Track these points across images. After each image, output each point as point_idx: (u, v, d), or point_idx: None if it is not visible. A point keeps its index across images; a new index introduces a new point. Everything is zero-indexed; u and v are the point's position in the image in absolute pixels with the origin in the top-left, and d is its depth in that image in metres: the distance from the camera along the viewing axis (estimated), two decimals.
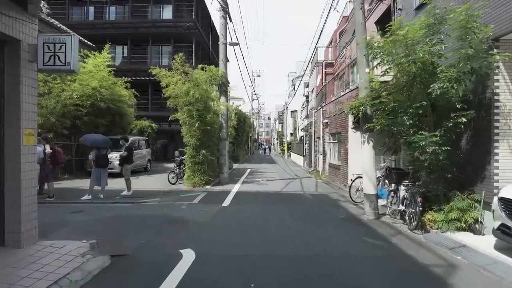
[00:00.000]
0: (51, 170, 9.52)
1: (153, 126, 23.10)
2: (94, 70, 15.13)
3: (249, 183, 13.41)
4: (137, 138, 17.19)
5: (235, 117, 22.58)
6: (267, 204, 9.18)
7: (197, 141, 11.72)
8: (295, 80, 44.42)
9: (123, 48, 26.20)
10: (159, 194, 10.42)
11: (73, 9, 25.63)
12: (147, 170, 17.25)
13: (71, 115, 13.63)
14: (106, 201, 9.18)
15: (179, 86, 11.79)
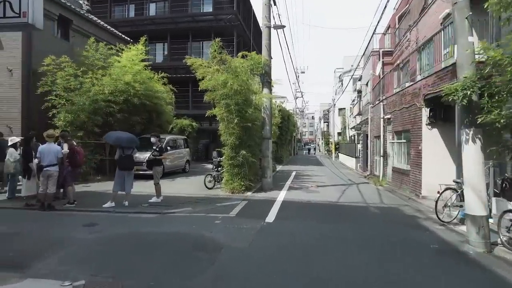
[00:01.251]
0: (70, 172, 8.35)
1: (194, 125, 21.97)
2: (128, 65, 14.10)
3: (296, 190, 11.46)
4: (175, 137, 15.98)
5: (278, 114, 20.73)
6: (323, 221, 7.16)
7: (236, 140, 10.03)
8: (343, 75, 41.52)
9: (164, 45, 25.51)
10: (192, 201, 8.87)
11: (114, 7, 25.42)
12: (185, 171, 15.99)
13: (103, 112, 12.64)
14: (130, 210, 7.79)
15: (216, 77, 10.18)
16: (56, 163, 7.80)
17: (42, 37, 12.83)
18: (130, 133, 9.14)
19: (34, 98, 11.98)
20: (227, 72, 10.18)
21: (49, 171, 7.70)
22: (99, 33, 16.20)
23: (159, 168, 9.32)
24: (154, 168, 9.03)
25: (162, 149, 9.28)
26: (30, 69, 12.16)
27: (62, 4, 13.66)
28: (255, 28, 27.82)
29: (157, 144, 9.20)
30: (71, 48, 13.83)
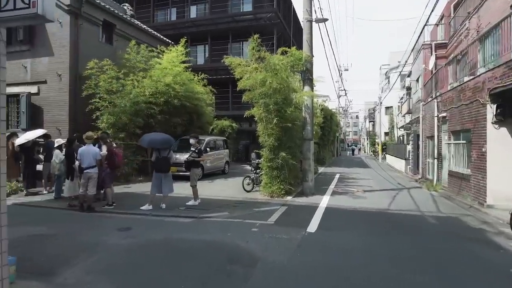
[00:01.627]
0: (109, 174, 8.35)
1: (233, 126, 21.84)
2: (169, 66, 14.17)
3: (340, 195, 10.67)
4: (214, 138, 15.85)
5: (321, 113, 19.87)
6: (373, 233, 6.39)
7: (275, 141, 9.51)
8: (389, 72, 39.32)
9: (204, 47, 25.71)
10: (230, 205, 8.50)
11: (157, 11, 26.09)
12: (224, 172, 15.80)
13: (144, 113, 12.76)
14: (167, 213, 7.58)
15: (254, 75, 9.73)
16: (95, 165, 7.83)
17: (88, 42, 13.30)
18: (165, 134, 8.98)
19: (80, 101, 12.38)
20: (266, 70, 9.69)
21: (89, 173, 7.74)
22: (141, 36, 16.54)
23: (197, 170, 9.11)
24: (192, 170, 8.80)
25: (201, 151, 9.04)
26: (77, 73, 12.61)
27: (106, 9, 14.05)
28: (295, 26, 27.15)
29: (196, 146, 8.96)
30: (114, 51, 14.18)
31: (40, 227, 6.35)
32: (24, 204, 8.82)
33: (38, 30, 12.93)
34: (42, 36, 12.84)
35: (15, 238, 5.48)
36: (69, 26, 12.45)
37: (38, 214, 7.73)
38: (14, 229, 6.17)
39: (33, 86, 12.95)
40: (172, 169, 13.00)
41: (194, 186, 8.69)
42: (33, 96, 12.94)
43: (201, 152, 8.97)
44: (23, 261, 4.48)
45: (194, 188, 8.69)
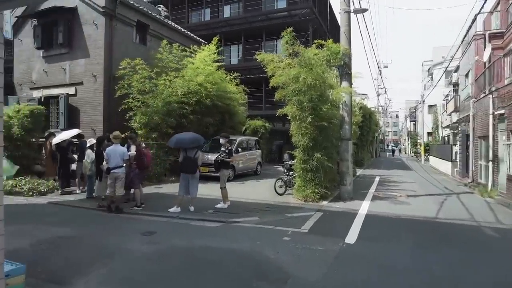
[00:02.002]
0: (137, 174, 8.17)
1: (266, 125, 21.32)
2: (201, 66, 13.97)
3: (381, 200, 9.78)
4: (246, 138, 15.43)
5: (359, 112, 18.80)
6: (421, 245, 5.57)
7: (309, 142, 8.87)
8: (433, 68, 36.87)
9: (238, 46, 25.45)
10: (260, 209, 7.99)
11: (191, 12, 26.23)
12: (257, 173, 15.32)
13: (176, 113, 12.62)
14: (194, 216, 7.23)
15: (287, 71, 9.16)
16: (122, 165, 7.65)
17: (122, 43, 13.42)
18: (194, 133, 8.64)
19: (114, 102, 12.48)
20: (300, 66, 9.08)
21: (116, 173, 7.57)
22: (174, 36, 16.54)
23: (227, 172, 8.69)
24: (221, 171, 8.38)
25: (231, 151, 8.59)
26: (111, 74, 12.74)
27: (140, 10, 14.13)
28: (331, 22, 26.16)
29: (226, 146, 8.53)
30: (148, 52, 14.23)
31: (65, 228, 6.22)
32: (58, 203, 8.90)
33: (76, 33, 13.24)
34: (80, 38, 13.13)
35: (37, 240, 5.38)
36: (104, 28, 12.60)
37: (67, 214, 7.69)
38: (40, 229, 6.14)
39: (71, 87, 13.28)
40: (203, 169, 12.88)
41: (223, 188, 8.28)
42: (71, 97, 13.27)
43: (231, 152, 8.53)
44: (37, 266, 4.30)
45: (223, 190, 8.28)
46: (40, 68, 14.13)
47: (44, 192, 9.90)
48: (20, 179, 10.24)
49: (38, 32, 13.78)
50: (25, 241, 5.36)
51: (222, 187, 8.26)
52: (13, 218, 7.16)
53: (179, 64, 13.89)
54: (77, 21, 13.19)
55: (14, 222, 6.67)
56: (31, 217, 7.31)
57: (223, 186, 8.26)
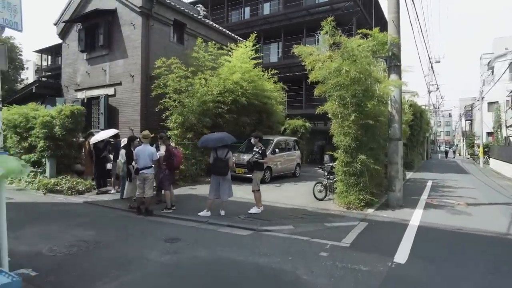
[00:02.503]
0: (167, 176, 7.81)
1: (307, 125, 20.38)
2: (238, 64, 13.50)
3: (436, 208, 8.56)
4: (284, 139, 14.68)
5: (409, 110, 17.22)
6: (496, 270, 4.51)
7: (352, 142, 7.95)
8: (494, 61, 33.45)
9: (278, 44, 24.76)
10: (296, 216, 7.25)
11: (231, 11, 26.02)
12: (295, 175, 14.50)
13: (212, 113, 12.26)
14: (223, 221, 6.70)
15: (328, 64, 8.31)
16: (151, 165, 7.34)
17: (159, 42, 13.35)
18: (223, 132, 8.12)
19: (151, 101, 12.41)
20: (342, 58, 8.20)
21: (144, 174, 7.27)
22: (211, 35, 16.27)
23: (260, 174, 8.04)
24: (254, 173, 7.75)
25: (264, 152, 7.92)
26: (148, 74, 12.69)
27: (177, 9, 14.00)
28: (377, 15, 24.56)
29: (259, 146, 7.89)
30: (185, 51, 14.06)
31: (90, 231, 5.98)
32: (93, 203, 8.87)
33: (115, 34, 13.41)
34: (119, 39, 13.27)
35: (59, 244, 5.16)
36: (141, 28, 12.59)
37: (97, 215, 7.53)
38: (65, 232, 5.97)
39: (111, 88, 13.47)
40: (239, 170, 12.39)
41: (256, 191, 7.65)
42: (110, 97, 13.45)
43: (265, 152, 7.87)
44: (49, 274, 4.00)
45: (256, 193, 7.65)
46: (84, 70, 14.55)
47: (82, 191, 9.99)
48: (61, 177, 10.48)
49: (82, 35, 14.19)
50: (46, 244, 5.16)
51: (255, 190, 7.65)
52: (46, 218, 7.16)
53: (215, 63, 13.55)
54: (116, 22, 13.35)
55: (45, 223, 6.63)
56: (63, 217, 7.23)
57: (256, 189, 7.65)
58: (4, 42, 20.21)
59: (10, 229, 6.10)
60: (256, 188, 7.63)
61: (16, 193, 10.29)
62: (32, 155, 11.18)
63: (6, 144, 12.12)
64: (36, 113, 11.21)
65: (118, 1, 13.24)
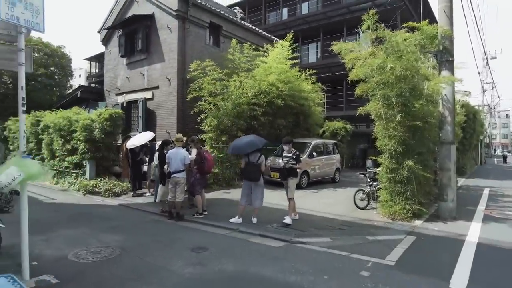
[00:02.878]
0: (198, 180, 7.58)
1: (348, 127, 19.43)
2: (274, 64, 13.10)
3: (497, 222, 7.49)
4: (322, 142, 13.98)
5: (461, 110, 15.73)
6: None
7: (398, 146, 7.18)
8: None
9: (317, 44, 24.05)
10: (334, 227, 6.66)
11: (269, 13, 25.75)
12: (334, 181, 13.74)
13: (246, 115, 11.96)
14: (255, 230, 6.29)
15: (370, 61, 7.64)
16: (182, 169, 7.16)
17: (195, 45, 13.34)
18: (254, 136, 7.72)
19: (187, 104, 12.39)
20: (386, 53, 7.48)
21: (176, 178, 7.10)
22: (248, 36, 16.04)
23: (295, 181, 7.50)
24: (289, 180, 7.22)
25: (299, 157, 7.35)
26: (184, 77, 12.70)
27: (212, 11, 13.93)
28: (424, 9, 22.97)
29: (292, 151, 7.34)
30: (221, 53, 13.95)
31: (119, 236, 5.87)
32: (127, 206, 8.92)
33: (153, 39, 13.62)
34: (156, 43, 13.45)
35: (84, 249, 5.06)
36: (177, 31, 12.63)
37: (129, 219, 7.47)
38: (94, 236, 5.91)
39: (148, 91, 13.67)
40: (274, 174, 11.92)
41: (291, 200, 7.14)
42: (148, 101, 13.66)
43: (299, 157, 7.31)
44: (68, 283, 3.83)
45: (291, 201, 7.14)
46: (124, 75, 14.95)
47: (119, 193, 10.12)
48: (100, 179, 10.71)
49: (122, 41, 14.59)
50: (73, 249, 5.09)
51: (291, 198, 7.13)
52: (79, 220, 7.20)
53: (251, 64, 13.26)
54: (153, 27, 13.55)
55: (77, 225, 6.64)
56: (95, 220, 7.26)
57: (291, 197, 7.13)
58: (55, 50, 21.57)
59: (43, 230, 6.22)
60: (292, 196, 7.12)
61: (58, 193, 10.69)
62: (74, 157, 11.58)
63: (52, 147, 12.72)
64: (78, 116, 11.61)
65: (155, 5, 13.44)
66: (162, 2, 13.03)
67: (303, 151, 12.31)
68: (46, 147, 13.03)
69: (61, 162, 12.29)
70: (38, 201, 9.30)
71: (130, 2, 14.70)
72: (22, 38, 3.86)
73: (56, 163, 12.62)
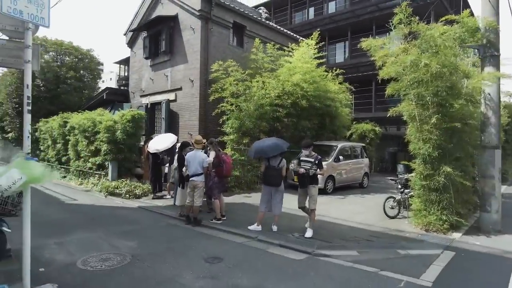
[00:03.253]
0: (217, 184, 7.26)
1: (377, 130, 18.52)
2: (299, 64, 12.61)
3: None
4: (349, 145, 13.30)
5: (504, 112, 14.50)
6: None
7: (433, 150, 6.50)
8: None
9: (344, 43, 23.27)
10: (362, 238, 6.11)
11: (294, 13, 25.26)
12: (362, 186, 13.02)
13: (269, 116, 11.54)
14: (275, 239, 5.87)
15: (402, 58, 7.02)
16: (201, 172, 6.87)
17: (218, 46, 13.11)
18: (276, 139, 7.27)
19: (209, 106, 12.17)
20: (420, 49, 6.86)
21: (194, 181, 6.82)
22: (272, 36, 15.64)
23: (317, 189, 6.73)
24: (310, 188, 6.34)
25: (321, 162, 6.68)
26: (206, 78, 12.48)
27: (236, 10, 13.65)
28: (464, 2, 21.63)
29: (313, 155, 6.52)
30: (244, 54, 13.65)
31: (133, 241, 5.67)
32: (146, 208, 8.76)
33: (176, 40, 13.53)
34: (179, 44, 13.35)
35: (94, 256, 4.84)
36: (200, 31, 12.44)
37: (147, 223, 7.28)
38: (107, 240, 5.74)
39: (171, 93, 13.59)
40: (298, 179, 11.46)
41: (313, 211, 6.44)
42: (171, 102, 13.57)
43: (321, 163, 6.64)
44: None
45: (313, 213, 6.43)
46: (148, 77, 14.99)
47: (139, 195, 10.01)
48: (121, 181, 10.67)
49: (146, 42, 14.64)
50: (83, 255, 4.90)
51: (313, 208, 6.42)
52: (95, 223, 7.04)
53: (275, 64, 12.84)
54: (177, 28, 13.46)
55: (92, 228, 6.47)
56: (112, 223, 7.11)
57: (313, 208, 6.43)
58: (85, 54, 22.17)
59: (60, 233, 6.10)
60: (314, 207, 6.43)
61: (81, 194, 10.75)
62: (98, 158, 11.65)
63: (77, 148, 12.89)
64: (101, 118, 11.67)
65: (179, 6, 13.34)
66: (186, 3, 12.91)
67: (328, 154, 11.74)
68: (72, 148, 13.25)
69: (85, 163, 12.43)
70: (60, 202, 9.35)
71: (154, 4, 14.73)
72: (29, 35, 3.66)
73: (80, 163, 12.78)
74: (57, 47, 20.48)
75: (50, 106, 18.62)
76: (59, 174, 14.23)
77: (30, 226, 3.51)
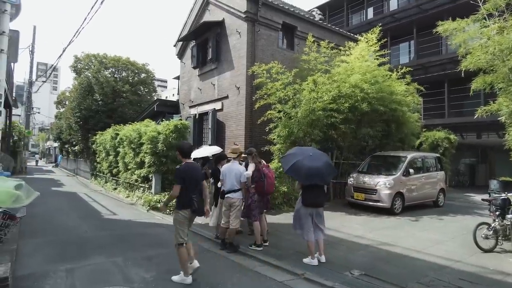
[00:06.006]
0: (257, 202, 6.10)
1: (452, 138, 15.92)
2: (357, 63, 11.05)
3: None
4: (421, 155, 11.22)
5: None
6: None
7: None
8: None
9: (409, 43, 20.90)
10: (449, 282, 4.44)
11: (351, 14, 23.55)
12: (438, 205, 10.84)
13: (322, 123, 10.14)
14: (326, 279, 4.53)
15: (499, 39, 5.29)
16: (238, 188, 5.77)
17: (266, 49, 12.17)
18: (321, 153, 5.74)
19: (255, 113, 11.19)
20: None
21: (230, 198, 5.76)
22: (326, 36, 14.23)
23: None
24: None
25: None
26: (253, 84, 11.55)
27: (285, 10, 12.60)
28: None
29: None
30: (295, 56, 12.51)
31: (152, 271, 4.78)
32: None
33: (222, 46, 12.89)
34: (226, 51, 12.68)
35: None
36: (246, 34, 11.60)
37: None
38: (126, 267, 5.09)
39: (218, 102, 12.90)
40: (358, 195, 9.82)
41: None
42: (218, 112, 12.88)
43: None
44: None
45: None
46: (196, 87, 14.57)
47: None
48: (164, 194, 10.05)
49: (194, 52, 14.27)
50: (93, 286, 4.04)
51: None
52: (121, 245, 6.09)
53: (329, 65, 11.43)
54: (223, 33, 12.83)
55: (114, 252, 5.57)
56: (139, 244, 6.30)
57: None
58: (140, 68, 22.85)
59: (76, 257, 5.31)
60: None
61: (124, 208, 10.36)
62: (142, 170, 11.26)
63: (125, 160, 12.72)
64: (146, 128, 11.31)
65: (225, 11, 12.73)
66: (231, 6, 12.23)
67: (396, 167, 10.01)
68: (121, 160, 13.16)
69: (132, 175, 12.17)
70: (99, 216, 8.95)
71: (202, 12, 14.36)
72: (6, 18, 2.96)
73: (128, 175, 12.58)
74: (115, 62, 21.39)
75: (108, 120, 19.26)
76: (110, 186, 14.31)
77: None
